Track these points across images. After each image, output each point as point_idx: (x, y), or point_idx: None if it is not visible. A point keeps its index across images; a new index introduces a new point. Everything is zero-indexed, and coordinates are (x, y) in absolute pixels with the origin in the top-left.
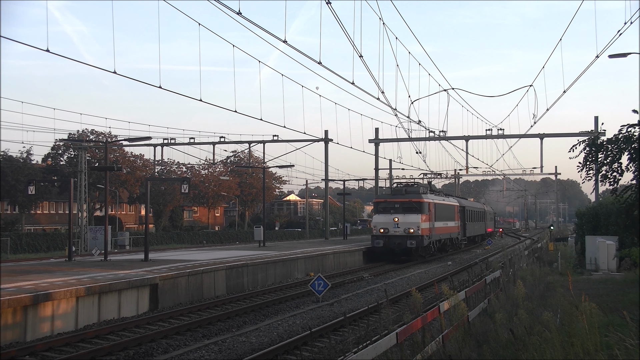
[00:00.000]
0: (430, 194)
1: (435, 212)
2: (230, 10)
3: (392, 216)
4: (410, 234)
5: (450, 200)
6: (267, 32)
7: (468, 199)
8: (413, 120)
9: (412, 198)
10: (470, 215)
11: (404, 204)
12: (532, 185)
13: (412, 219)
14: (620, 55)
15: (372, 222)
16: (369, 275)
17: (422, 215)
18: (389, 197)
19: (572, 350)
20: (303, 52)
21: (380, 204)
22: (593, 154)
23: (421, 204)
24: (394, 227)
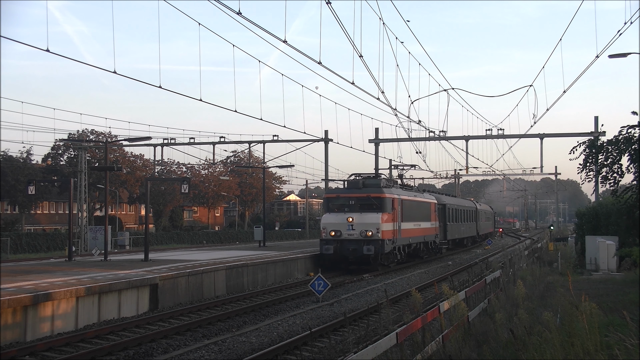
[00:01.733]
0: (396, 188)
1: (402, 210)
2: (230, 10)
3: (345, 215)
4: (368, 237)
5: (425, 196)
6: (267, 32)
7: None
8: (413, 120)
9: (370, 193)
10: (454, 214)
11: (361, 200)
12: (532, 185)
13: (371, 219)
14: (620, 55)
15: (321, 223)
16: (369, 275)
17: (384, 214)
18: (342, 191)
19: (572, 350)
20: (303, 52)
21: (332, 201)
22: (593, 156)
23: (382, 200)
24: (348, 229)
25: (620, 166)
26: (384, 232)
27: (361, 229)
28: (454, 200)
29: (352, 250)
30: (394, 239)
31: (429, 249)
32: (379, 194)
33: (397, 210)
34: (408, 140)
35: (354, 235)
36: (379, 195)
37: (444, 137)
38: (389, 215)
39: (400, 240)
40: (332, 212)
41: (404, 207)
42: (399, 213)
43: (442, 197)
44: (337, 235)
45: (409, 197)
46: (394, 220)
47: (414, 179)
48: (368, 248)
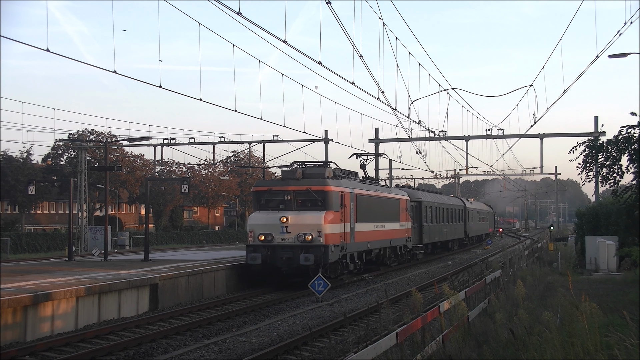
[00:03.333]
0: (349, 180)
1: (357, 208)
2: (230, 10)
3: (278, 214)
4: (307, 242)
5: (392, 191)
6: (267, 32)
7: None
8: (413, 120)
9: (311, 185)
10: (433, 213)
11: (299, 195)
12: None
13: (310, 219)
14: (620, 55)
15: (247, 224)
16: (369, 275)
17: (328, 212)
18: (275, 183)
19: (572, 350)
20: (303, 52)
21: (262, 195)
22: (593, 156)
23: (327, 194)
24: (281, 231)
25: (620, 166)
26: (328, 236)
27: (298, 232)
28: (433, 197)
29: (286, 259)
30: (344, 245)
31: (399, 255)
32: (322, 186)
33: (349, 207)
34: (408, 140)
35: (289, 240)
36: (322, 188)
37: (444, 137)
38: (335, 214)
39: (352, 246)
40: (263, 210)
41: (359, 203)
42: (352, 211)
43: (417, 193)
44: (268, 240)
45: (367, 192)
46: (343, 221)
47: (414, 179)
48: (306, 257)
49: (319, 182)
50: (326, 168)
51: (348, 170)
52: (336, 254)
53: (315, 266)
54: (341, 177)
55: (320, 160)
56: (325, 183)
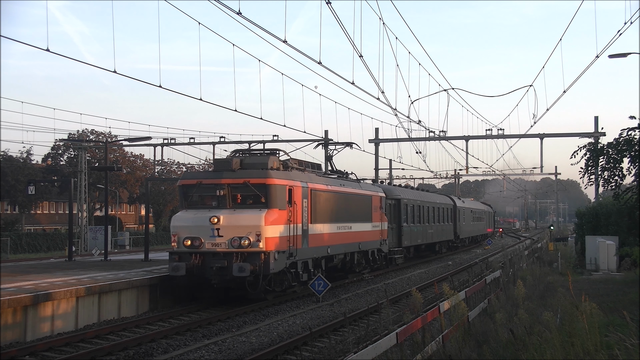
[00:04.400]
0: (303, 172)
1: (313, 205)
2: (230, 10)
3: (208, 214)
4: (243, 248)
5: (362, 186)
6: (267, 32)
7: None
8: (413, 120)
9: (250, 177)
10: (415, 212)
11: (235, 189)
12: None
13: (247, 219)
14: (620, 55)
15: (171, 226)
16: (369, 275)
17: (272, 210)
18: (206, 175)
19: (572, 350)
20: (303, 52)
21: (189, 190)
22: (594, 159)
23: (269, 188)
24: (212, 235)
25: (621, 169)
26: (270, 240)
27: (233, 236)
28: (415, 194)
29: (218, 269)
30: (293, 250)
31: (371, 261)
32: (264, 178)
33: (300, 205)
34: (408, 140)
35: (222, 245)
36: (264, 181)
37: (444, 137)
38: (281, 212)
39: (306, 252)
40: (191, 209)
41: (316, 200)
42: (306, 209)
43: (395, 190)
44: (195, 245)
45: (327, 187)
46: (293, 221)
47: (414, 178)
48: (241, 267)
49: (259, 174)
50: (270, 157)
51: (306, 161)
52: (281, 262)
53: (254, 278)
54: (294, 168)
55: (269, 149)
56: (268, 175)
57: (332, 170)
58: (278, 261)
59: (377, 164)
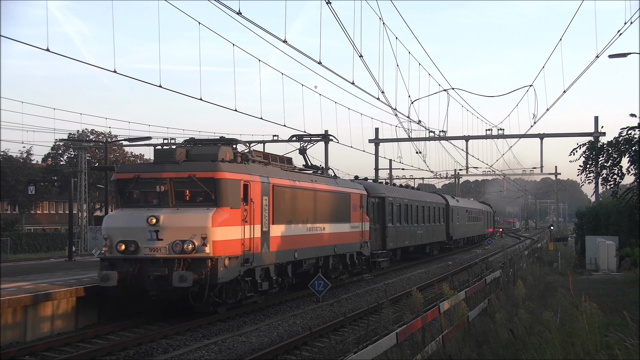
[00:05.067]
0: (264, 166)
1: (275, 203)
2: (230, 10)
3: (146, 213)
4: (186, 253)
5: (339, 183)
6: (267, 32)
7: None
8: (413, 120)
9: (196, 171)
10: (402, 212)
11: (178, 184)
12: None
13: (191, 219)
14: (620, 55)
15: (102, 228)
16: (369, 275)
17: (221, 209)
18: (145, 168)
19: (572, 350)
20: (303, 52)
21: (126, 186)
22: (593, 157)
23: (218, 183)
24: (150, 238)
25: (620, 168)
26: (219, 244)
27: (174, 239)
28: (402, 193)
29: (156, 279)
30: (249, 256)
31: (349, 265)
32: (212, 172)
33: (259, 203)
34: (408, 140)
35: (162, 250)
36: (212, 175)
37: (444, 137)
38: (234, 212)
39: (266, 257)
40: (127, 207)
41: (280, 198)
42: (267, 208)
43: (379, 187)
44: (130, 250)
45: (294, 182)
46: (249, 222)
47: (414, 178)
48: (182, 276)
49: (207, 167)
50: (221, 147)
51: (273, 154)
52: (234, 270)
53: (199, 288)
54: (254, 161)
55: (226, 138)
56: (217, 168)
57: (306, 166)
58: (229, 268)
59: (377, 164)
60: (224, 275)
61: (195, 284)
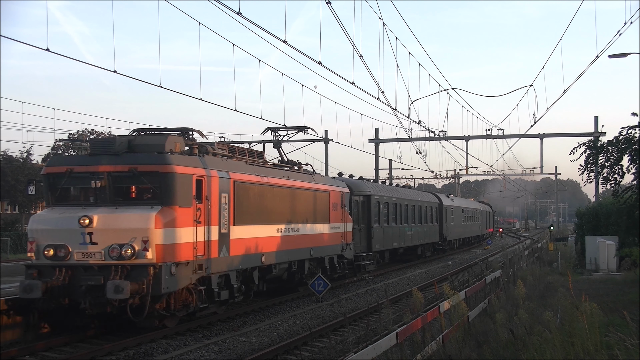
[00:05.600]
0: (225, 160)
1: (238, 201)
2: (230, 10)
3: (78, 213)
4: (125, 259)
5: (318, 180)
6: (267, 32)
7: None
8: (413, 120)
9: (138, 164)
10: (390, 212)
11: (117, 180)
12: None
13: (130, 220)
14: (620, 55)
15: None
16: (369, 275)
17: (167, 208)
18: (80, 161)
19: (573, 350)
20: (303, 52)
21: (59, 180)
22: (593, 157)
23: (165, 178)
24: (82, 242)
25: (620, 167)
26: (163, 249)
27: (111, 243)
28: (390, 191)
29: (89, 289)
30: (203, 262)
31: (328, 270)
32: (157, 165)
33: (218, 201)
34: (408, 140)
35: (96, 256)
36: (157, 169)
37: (444, 137)
38: (184, 211)
39: (225, 262)
40: (58, 206)
41: (244, 195)
42: (226, 207)
43: (364, 185)
44: (60, 255)
45: (261, 178)
46: (203, 222)
47: (414, 178)
48: (117, 286)
49: (151, 159)
50: (168, 137)
51: (239, 147)
52: (183, 278)
53: (141, 302)
54: (215, 154)
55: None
56: (163, 160)
57: (282, 161)
58: (177, 276)
59: (377, 164)
60: (169, 285)
61: (134, 295)
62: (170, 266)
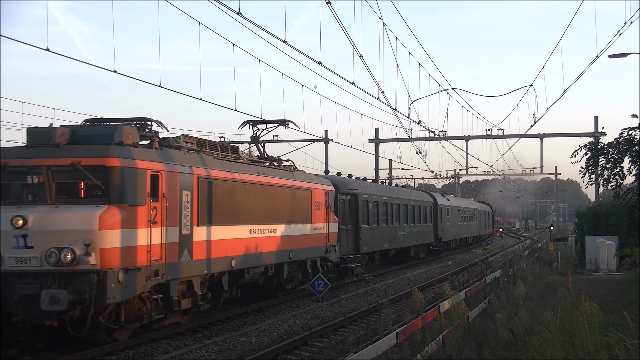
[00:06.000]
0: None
1: (201, 199)
2: (230, 10)
3: (11, 212)
4: (64, 265)
5: (298, 177)
6: (267, 32)
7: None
8: (413, 120)
9: (81, 156)
10: (380, 211)
11: (59, 175)
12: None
13: (71, 221)
14: (620, 55)
15: None
16: (369, 275)
17: (114, 207)
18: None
19: (573, 350)
20: (303, 52)
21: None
22: (594, 159)
23: (111, 172)
24: (15, 245)
25: (621, 168)
26: (109, 253)
27: (49, 247)
28: (380, 189)
29: (22, 299)
30: (160, 267)
31: (310, 274)
32: (103, 158)
33: (179, 199)
34: (408, 140)
35: (32, 261)
36: (102, 163)
37: (444, 137)
38: (135, 210)
39: (188, 267)
40: None
41: (211, 193)
42: (188, 206)
43: (350, 183)
44: None
45: (231, 174)
46: (160, 223)
47: (414, 178)
48: (53, 296)
49: (97, 152)
50: (118, 127)
51: (210, 141)
52: (134, 286)
53: (82, 312)
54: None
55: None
56: (110, 153)
57: (261, 157)
58: (125, 284)
59: (377, 164)
60: (116, 294)
61: (74, 306)
62: (117, 273)
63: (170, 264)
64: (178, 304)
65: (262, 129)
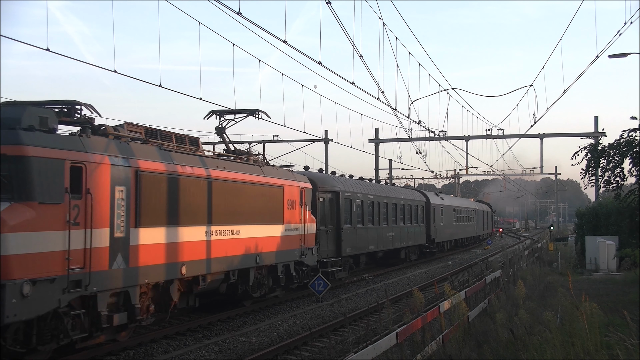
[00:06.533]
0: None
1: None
2: (230, 10)
3: None
4: None
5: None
6: (267, 32)
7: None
8: (413, 120)
9: None
10: (365, 211)
11: None
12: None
13: None
14: (620, 55)
15: None
16: (369, 275)
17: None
18: None
19: (573, 350)
20: (303, 52)
21: None
22: (595, 160)
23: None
24: None
25: (622, 170)
26: (10, 261)
27: None
28: (365, 187)
29: None
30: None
31: (282, 279)
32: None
33: (109, 196)
34: (408, 140)
35: None
36: (5, 151)
37: (444, 137)
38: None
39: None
40: None
41: (154, 189)
42: (123, 204)
43: (332, 179)
44: None
45: (181, 168)
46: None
47: (414, 178)
48: None
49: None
50: (28, 108)
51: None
52: (45, 300)
53: None
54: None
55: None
56: (15, 139)
57: (227, 150)
58: (32, 298)
59: (377, 164)
60: (19, 311)
61: None
62: (21, 285)
63: (98, 272)
64: (108, 320)
65: (229, 119)
